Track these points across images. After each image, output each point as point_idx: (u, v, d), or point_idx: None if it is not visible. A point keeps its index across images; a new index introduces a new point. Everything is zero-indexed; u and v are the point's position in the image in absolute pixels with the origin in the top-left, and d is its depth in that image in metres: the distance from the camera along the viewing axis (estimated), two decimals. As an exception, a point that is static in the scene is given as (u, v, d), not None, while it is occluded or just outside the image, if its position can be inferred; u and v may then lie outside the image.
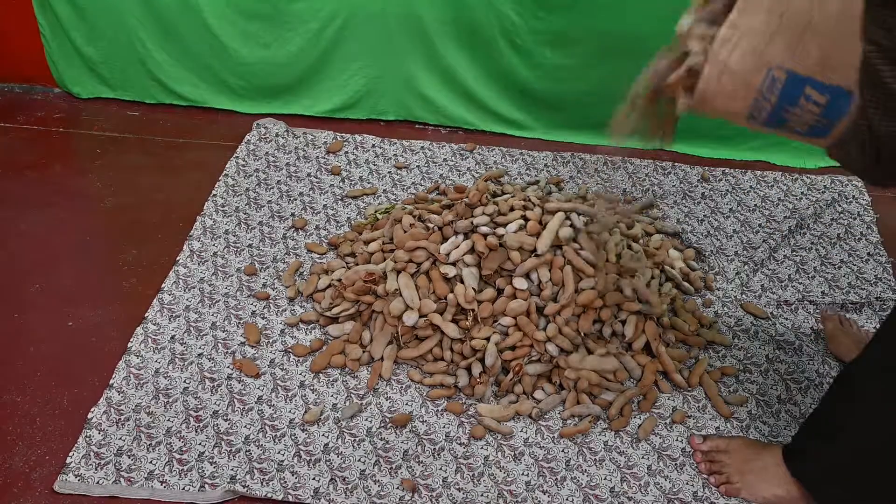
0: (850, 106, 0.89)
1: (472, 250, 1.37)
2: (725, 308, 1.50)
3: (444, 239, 1.40)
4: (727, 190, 1.83)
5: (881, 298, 1.53)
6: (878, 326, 1.47)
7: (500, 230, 1.37)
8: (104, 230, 1.67)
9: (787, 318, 1.49)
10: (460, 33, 1.88)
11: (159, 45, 1.96)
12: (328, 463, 1.20)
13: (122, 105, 2.07)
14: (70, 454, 1.19)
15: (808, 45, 0.90)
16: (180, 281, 1.51)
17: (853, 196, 1.82)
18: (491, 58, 1.90)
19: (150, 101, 2.07)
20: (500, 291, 1.35)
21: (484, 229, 1.37)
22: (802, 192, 1.83)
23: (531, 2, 1.80)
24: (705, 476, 1.21)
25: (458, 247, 1.37)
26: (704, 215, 1.75)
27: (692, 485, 1.19)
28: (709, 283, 1.54)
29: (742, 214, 1.76)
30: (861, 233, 1.72)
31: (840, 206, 1.79)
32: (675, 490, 1.18)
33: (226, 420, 1.25)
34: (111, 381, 1.30)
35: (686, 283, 1.50)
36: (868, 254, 1.66)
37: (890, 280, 1.59)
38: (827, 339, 1.43)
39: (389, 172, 1.84)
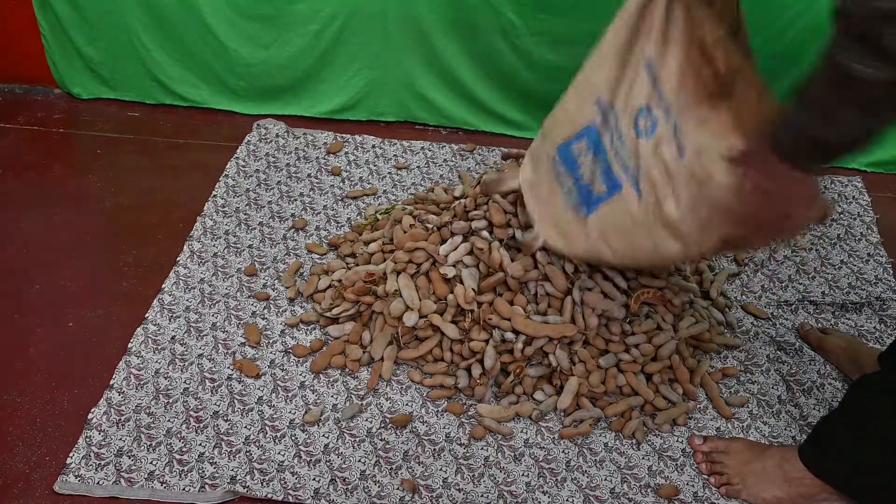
0: (597, 131, 1.13)
1: (471, 252, 1.36)
2: (727, 309, 1.49)
3: (444, 240, 1.40)
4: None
5: (881, 298, 1.53)
6: (877, 326, 1.48)
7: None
8: (104, 231, 1.67)
9: (787, 319, 1.49)
10: (460, 34, 1.88)
11: (159, 46, 1.96)
12: (328, 463, 1.20)
13: (123, 105, 2.07)
14: (70, 455, 1.19)
15: (552, 129, 1.22)
16: (180, 281, 1.51)
17: (853, 196, 1.82)
18: (491, 59, 1.90)
19: (150, 101, 2.07)
20: (500, 294, 1.34)
21: (483, 234, 1.36)
22: (802, 193, 1.83)
23: (531, 3, 1.80)
24: (705, 476, 1.21)
25: (456, 248, 1.37)
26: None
27: (692, 485, 1.20)
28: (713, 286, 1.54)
29: (742, 215, 1.76)
30: (861, 233, 1.72)
31: (840, 206, 1.79)
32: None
33: (226, 420, 1.25)
34: (111, 382, 1.30)
35: (694, 286, 1.50)
36: (868, 254, 1.66)
37: (890, 280, 1.59)
38: (818, 353, 1.42)
39: (389, 173, 1.84)
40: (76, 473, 1.16)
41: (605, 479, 1.20)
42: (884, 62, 0.70)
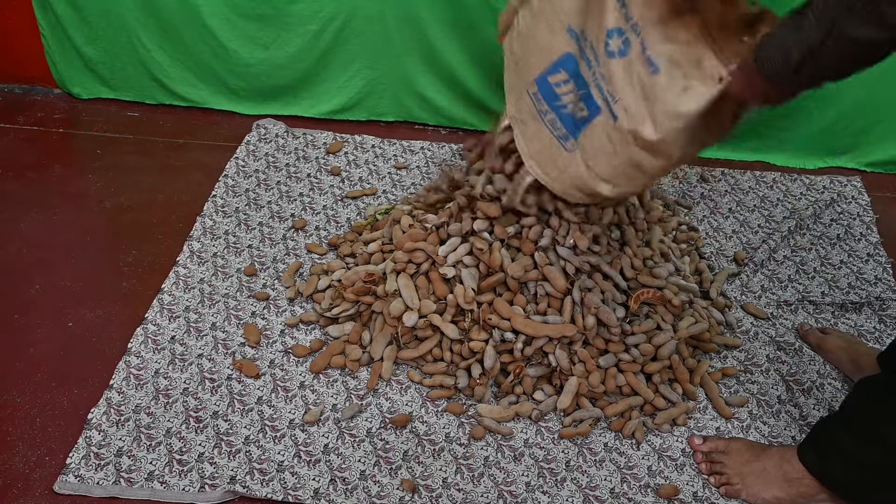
0: (574, 60, 1.13)
1: (470, 252, 1.36)
2: (727, 309, 1.49)
3: (442, 240, 1.39)
4: (726, 190, 1.83)
5: (881, 298, 1.53)
6: (877, 326, 1.48)
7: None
8: (104, 231, 1.67)
9: (787, 319, 1.49)
10: (459, 34, 1.88)
11: (159, 46, 1.96)
12: (328, 463, 1.20)
13: (123, 106, 2.07)
14: (70, 455, 1.19)
15: (526, 61, 1.21)
16: (180, 281, 1.51)
17: (852, 196, 1.82)
18: (490, 59, 1.90)
19: (150, 101, 2.07)
20: (499, 294, 1.34)
21: (484, 235, 1.35)
22: (801, 193, 1.84)
23: (531, 3, 1.80)
24: (705, 476, 1.21)
25: (455, 249, 1.36)
26: (704, 216, 1.75)
27: (692, 485, 1.20)
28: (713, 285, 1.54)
29: (741, 215, 1.76)
30: (861, 233, 1.72)
31: (839, 206, 1.79)
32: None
33: (226, 421, 1.25)
34: (111, 382, 1.31)
35: (693, 286, 1.49)
36: (868, 254, 1.66)
37: (889, 280, 1.59)
38: (818, 353, 1.42)
39: (389, 173, 1.84)
40: (76, 473, 1.16)
41: (605, 479, 1.20)
42: (880, 27, 0.76)
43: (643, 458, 1.23)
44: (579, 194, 1.21)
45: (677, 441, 1.26)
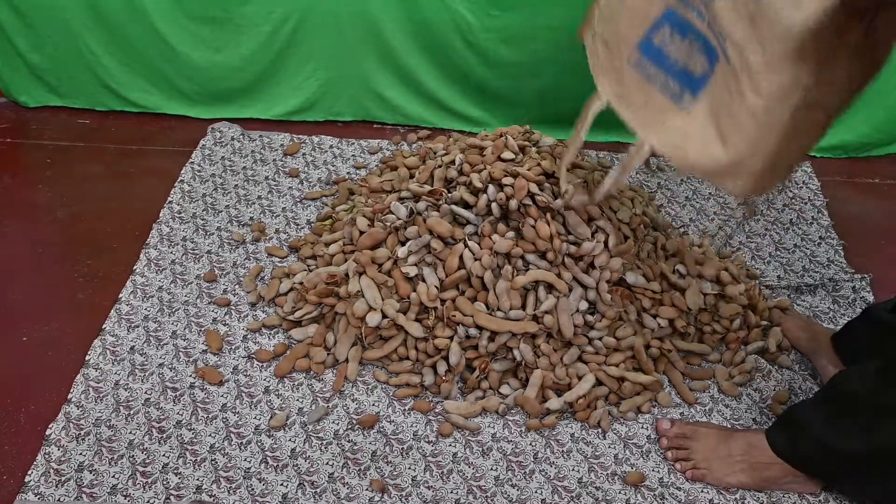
0: (675, 13, 1.09)
1: (430, 251, 1.36)
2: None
3: (401, 241, 1.39)
4: (682, 179, 1.86)
5: (834, 280, 1.57)
6: (831, 307, 1.52)
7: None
8: (57, 242, 1.63)
9: (744, 304, 1.52)
10: (415, 33, 1.88)
11: (107, 51, 1.92)
12: (296, 468, 1.19)
13: (72, 113, 2.02)
14: (29, 472, 1.16)
15: (617, 34, 1.16)
16: (138, 290, 1.48)
17: (803, 181, 1.87)
18: (447, 56, 1.90)
19: (100, 108, 2.02)
20: (462, 292, 1.35)
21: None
22: (755, 180, 1.87)
23: (484, 0, 1.81)
24: (671, 462, 1.23)
25: (418, 250, 1.36)
26: (661, 205, 1.77)
27: (658, 471, 1.21)
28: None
29: (697, 203, 1.79)
30: (812, 217, 1.76)
31: (791, 191, 1.84)
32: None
33: (190, 430, 1.23)
34: (69, 396, 1.27)
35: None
36: (820, 237, 1.71)
37: (841, 262, 1.63)
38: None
39: (348, 173, 1.83)
40: (35, 491, 1.13)
41: (573, 470, 1.21)
42: None
43: (609, 447, 1.25)
44: (695, 158, 1.12)
45: (642, 428, 1.28)
